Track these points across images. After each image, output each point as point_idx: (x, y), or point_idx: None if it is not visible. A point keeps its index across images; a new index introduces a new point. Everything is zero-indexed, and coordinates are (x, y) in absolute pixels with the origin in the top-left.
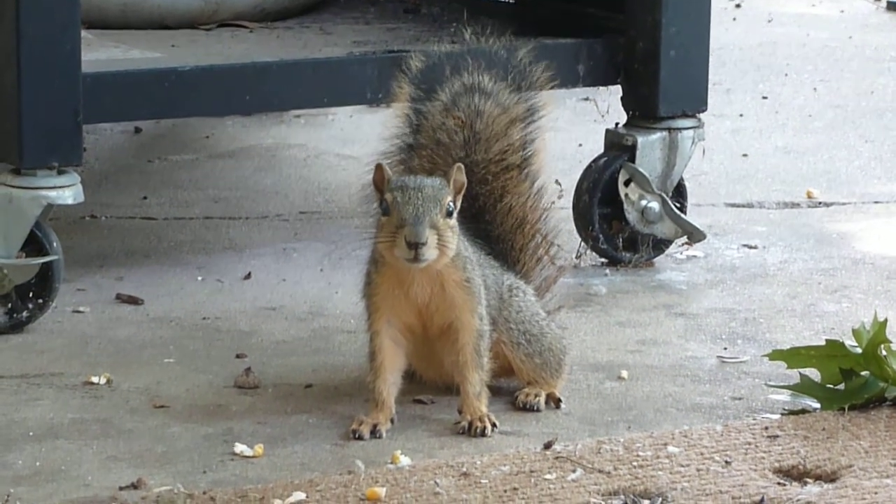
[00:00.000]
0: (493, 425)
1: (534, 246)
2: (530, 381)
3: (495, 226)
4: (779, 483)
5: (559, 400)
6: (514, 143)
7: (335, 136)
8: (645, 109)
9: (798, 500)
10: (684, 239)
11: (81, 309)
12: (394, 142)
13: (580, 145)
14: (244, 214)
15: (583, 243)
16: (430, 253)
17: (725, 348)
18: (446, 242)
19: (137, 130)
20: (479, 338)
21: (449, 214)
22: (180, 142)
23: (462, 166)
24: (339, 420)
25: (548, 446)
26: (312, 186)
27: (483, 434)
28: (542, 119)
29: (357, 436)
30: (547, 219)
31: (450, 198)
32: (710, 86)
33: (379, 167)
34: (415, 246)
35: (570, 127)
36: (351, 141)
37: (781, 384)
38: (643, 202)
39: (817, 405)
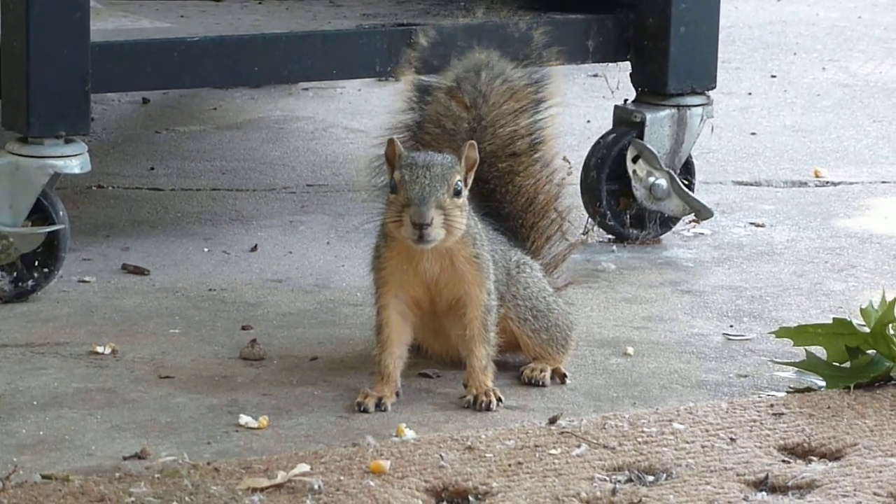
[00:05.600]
0: (499, 400)
1: (544, 224)
2: (536, 356)
3: (505, 204)
4: (783, 460)
5: (564, 375)
6: (520, 129)
7: (343, 108)
8: (654, 86)
9: (802, 478)
10: (692, 216)
11: (87, 278)
12: (400, 118)
13: (588, 121)
14: (251, 186)
15: (590, 219)
16: (435, 233)
17: (731, 325)
18: (453, 222)
19: (145, 101)
20: (486, 312)
21: (457, 194)
22: (188, 113)
23: (474, 143)
24: (344, 392)
25: (553, 421)
26: (320, 159)
27: (488, 408)
28: (552, 105)
29: (362, 409)
30: (558, 197)
31: (459, 176)
32: (719, 63)
33: (391, 142)
34: (419, 227)
35: (579, 103)
36: (359, 114)
37: (787, 361)
38: (651, 179)
39: (823, 383)
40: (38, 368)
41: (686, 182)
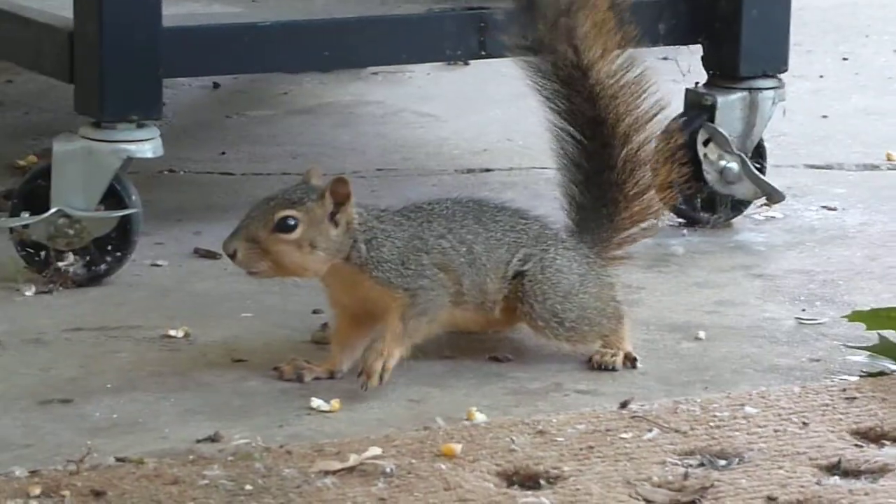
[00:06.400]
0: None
1: (638, 197)
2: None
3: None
4: (856, 445)
5: (635, 359)
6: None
7: (413, 93)
8: (725, 69)
9: (875, 462)
10: (763, 200)
11: (160, 262)
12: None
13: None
14: (321, 171)
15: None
16: (248, 265)
17: (804, 310)
18: (276, 258)
19: (216, 86)
20: (410, 309)
21: (284, 229)
22: (258, 98)
23: (344, 178)
24: (415, 376)
25: (624, 405)
26: (390, 143)
27: (365, 387)
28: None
29: (281, 375)
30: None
31: (291, 212)
32: (790, 46)
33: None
34: (230, 256)
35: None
36: (429, 98)
37: (860, 346)
38: (722, 162)
39: None
40: (112, 352)
41: (757, 165)
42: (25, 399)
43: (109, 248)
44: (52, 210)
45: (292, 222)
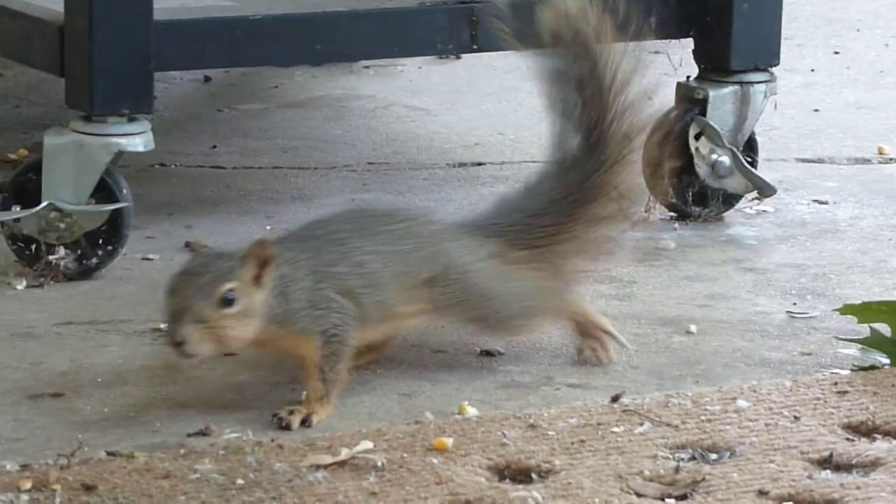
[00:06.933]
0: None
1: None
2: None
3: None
4: (847, 439)
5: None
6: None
7: (404, 87)
8: (717, 63)
9: (867, 456)
10: (754, 193)
11: (151, 256)
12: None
13: (650, 98)
14: (313, 164)
15: (652, 197)
16: (199, 349)
17: (795, 303)
18: (220, 334)
19: (207, 79)
20: (326, 349)
21: (228, 304)
22: (249, 91)
23: (266, 241)
24: (406, 370)
25: (615, 399)
26: (381, 137)
27: (287, 427)
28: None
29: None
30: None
31: (231, 284)
32: (781, 40)
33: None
34: (174, 345)
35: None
36: (420, 92)
37: (851, 338)
38: (714, 156)
39: (887, 361)
40: (103, 346)
41: (749, 159)
42: (16, 393)
43: (100, 241)
44: (43, 204)
45: (233, 295)
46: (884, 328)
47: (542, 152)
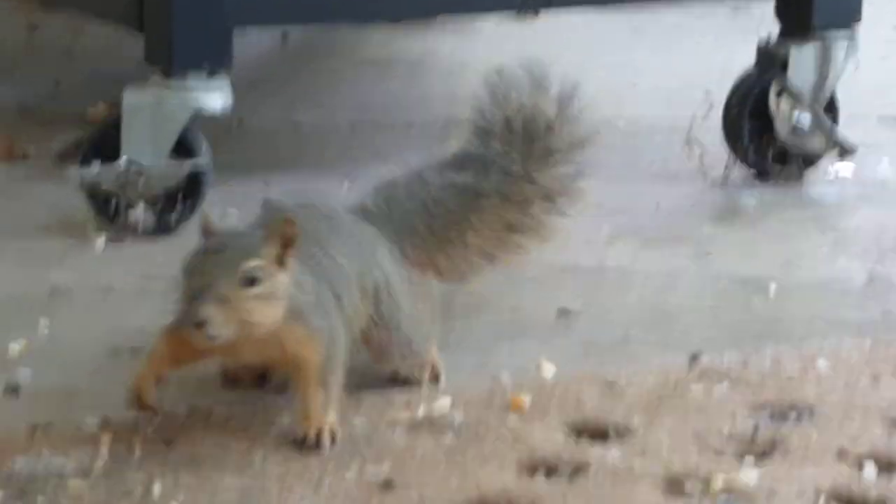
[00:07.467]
0: (333, 439)
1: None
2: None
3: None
4: None
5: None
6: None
7: (481, 45)
8: (798, 21)
9: None
10: (835, 153)
11: (229, 211)
12: None
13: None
14: (390, 122)
15: (732, 156)
16: (224, 330)
17: (875, 264)
18: (243, 317)
19: (285, 37)
20: (326, 362)
21: (252, 283)
22: (327, 49)
23: (291, 219)
24: (484, 328)
25: (694, 359)
26: (458, 96)
27: (318, 446)
28: None
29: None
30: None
31: (256, 262)
32: None
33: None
34: (195, 327)
35: (720, 38)
36: (497, 51)
37: None
38: (794, 115)
39: None
40: None
41: (830, 118)
42: (96, 348)
43: (179, 198)
44: (122, 160)
45: (258, 273)
46: None
47: (616, 112)
